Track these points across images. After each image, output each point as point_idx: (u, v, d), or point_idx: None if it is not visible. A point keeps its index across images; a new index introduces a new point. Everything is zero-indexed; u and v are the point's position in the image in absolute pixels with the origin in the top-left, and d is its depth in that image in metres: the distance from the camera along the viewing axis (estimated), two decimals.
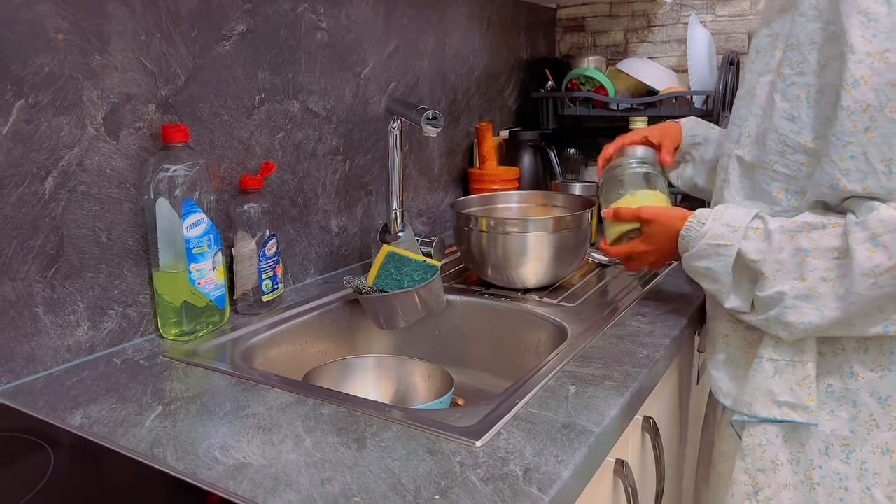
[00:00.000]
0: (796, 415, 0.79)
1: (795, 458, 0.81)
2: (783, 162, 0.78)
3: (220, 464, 0.60)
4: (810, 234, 0.74)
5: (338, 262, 1.23)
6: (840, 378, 0.79)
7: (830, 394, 0.79)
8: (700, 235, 0.83)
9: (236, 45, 0.99)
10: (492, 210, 1.23)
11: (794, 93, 0.76)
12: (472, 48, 1.57)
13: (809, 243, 0.74)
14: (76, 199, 0.81)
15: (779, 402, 0.80)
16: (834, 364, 0.79)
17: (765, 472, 0.83)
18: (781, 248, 0.75)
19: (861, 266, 0.70)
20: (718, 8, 1.71)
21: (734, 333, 0.88)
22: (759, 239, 0.78)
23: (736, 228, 0.79)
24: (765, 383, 0.81)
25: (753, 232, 0.78)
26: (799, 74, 0.75)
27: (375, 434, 0.64)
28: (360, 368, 0.95)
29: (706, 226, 0.82)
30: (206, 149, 0.96)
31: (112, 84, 0.84)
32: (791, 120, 0.77)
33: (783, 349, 0.80)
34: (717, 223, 0.81)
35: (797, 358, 0.79)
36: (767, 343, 0.81)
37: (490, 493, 0.55)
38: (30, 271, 0.78)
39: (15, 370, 0.77)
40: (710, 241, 0.81)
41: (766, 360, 0.81)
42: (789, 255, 0.75)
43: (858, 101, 0.69)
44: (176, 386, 0.76)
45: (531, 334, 1.02)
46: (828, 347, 0.79)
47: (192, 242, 0.87)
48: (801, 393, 0.79)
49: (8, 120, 0.74)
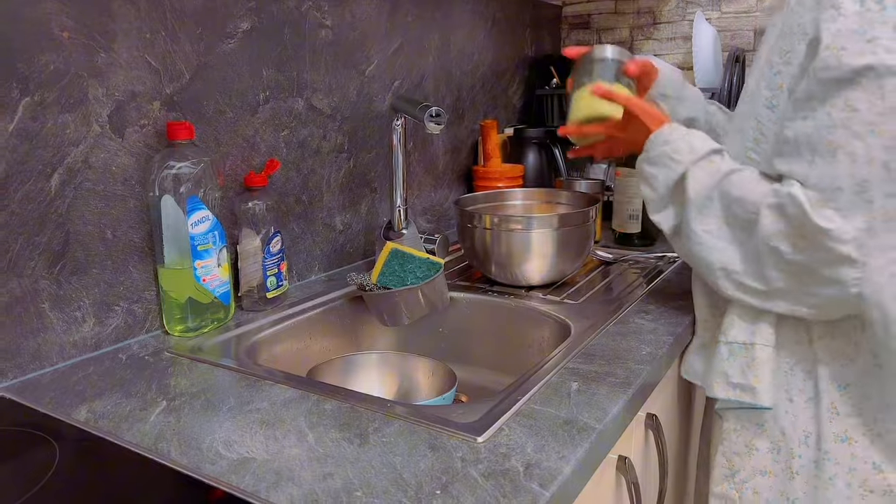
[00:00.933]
0: (747, 396, 0.81)
1: (776, 446, 0.82)
2: (756, 149, 0.80)
3: (223, 458, 0.60)
4: (743, 184, 0.77)
5: (342, 259, 1.23)
6: (815, 366, 0.80)
7: (808, 381, 0.80)
8: (661, 142, 0.85)
9: (241, 42, 0.99)
10: (496, 207, 1.24)
11: (777, 82, 0.76)
12: (477, 45, 1.57)
13: (739, 192, 0.77)
14: (82, 197, 0.82)
15: (732, 384, 0.82)
16: (810, 351, 0.80)
17: (740, 456, 0.85)
18: (715, 187, 0.79)
19: (765, 228, 0.73)
20: (724, 5, 1.70)
21: (712, 319, 0.89)
22: (707, 171, 0.80)
23: (694, 150, 0.82)
24: (720, 365, 0.83)
25: (708, 163, 0.81)
26: (785, 64, 0.75)
27: (378, 429, 0.65)
28: (363, 365, 0.95)
29: (672, 136, 0.85)
30: (210, 146, 0.97)
31: (117, 82, 0.84)
32: (770, 108, 0.77)
33: (737, 331, 0.82)
34: (683, 139, 0.84)
35: (749, 340, 0.81)
36: (724, 326, 0.83)
37: (491, 489, 0.55)
38: (36, 268, 0.78)
39: (21, 365, 0.78)
40: (666, 149, 0.84)
41: (722, 343, 0.83)
42: (719, 196, 0.78)
43: (806, 91, 0.71)
44: (180, 381, 0.77)
45: (534, 331, 1.02)
46: (803, 335, 0.80)
47: (196, 239, 0.87)
48: (749, 374, 0.80)
49: (14, 118, 0.74)
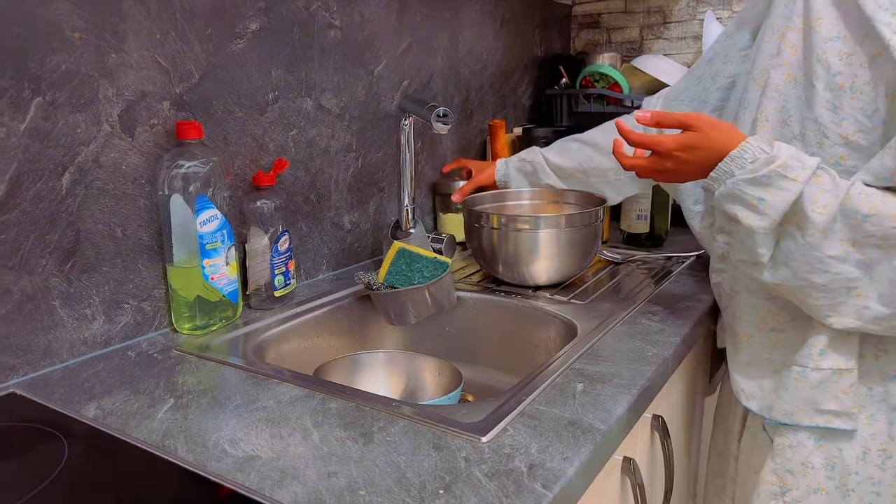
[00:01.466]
0: (839, 422, 0.78)
1: (831, 462, 0.80)
2: (821, 153, 0.75)
3: (228, 456, 0.61)
4: (870, 199, 0.68)
5: (349, 258, 1.24)
6: (881, 381, 0.77)
7: (871, 397, 0.78)
8: (766, 161, 0.71)
9: (250, 42, 1.00)
10: (503, 207, 1.24)
11: (837, 82, 0.73)
12: (486, 45, 1.57)
13: (869, 208, 0.68)
14: (92, 195, 0.83)
15: (822, 411, 0.79)
16: (875, 367, 0.77)
17: (793, 474, 0.82)
18: (835, 207, 0.69)
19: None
20: (735, 4, 1.69)
21: (758, 335, 0.86)
22: (822, 189, 0.70)
23: (805, 165, 0.70)
24: (809, 394, 0.79)
25: (820, 179, 0.70)
26: (847, 65, 0.73)
27: (382, 429, 0.65)
28: (370, 364, 0.95)
29: (774, 150, 0.71)
30: (219, 146, 0.98)
31: (127, 82, 0.85)
32: (832, 110, 0.74)
33: (829, 356, 0.77)
34: (788, 152, 0.71)
35: (843, 365, 0.77)
36: (811, 352, 0.78)
37: (494, 489, 0.55)
38: (47, 265, 0.79)
39: (32, 362, 0.79)
40: (779, 168, 0.70)
41: (810, 369, 0.78)
42: (842, 215, 0.69)
43: None
44: (188, 379, 0.78)
45: (541, 331, 1.02)
46: (869, 349, 0.77)
47: (205, 238, 0.88)
48: (846, 401, 0.77)
49: (26, 117, 0.75)
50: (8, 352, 0.76)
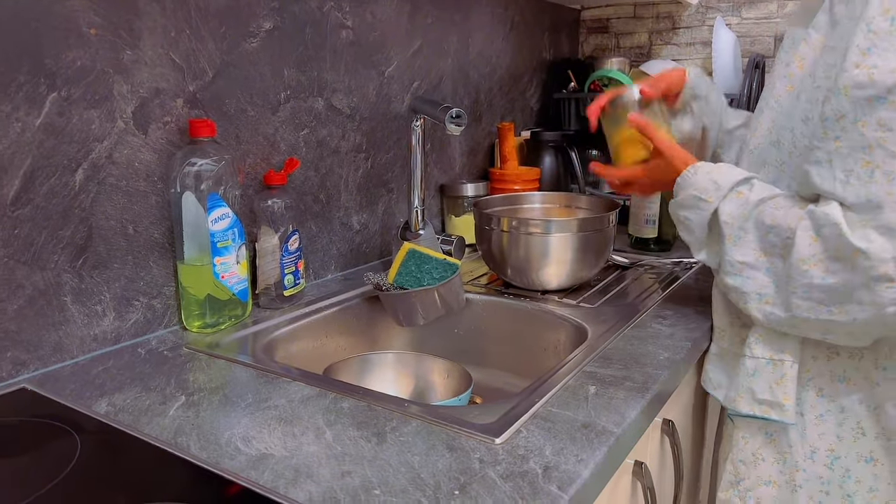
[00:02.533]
0: (774, 413, 0.81)
1: (782, 457, 0.83)
2: (790, 163, 0.79)
3: (242, 454, 0.61)
4: (775, 212, 0.76)
5: (358, 258, 1.24)
6: (831, 382, 0.79)
7: (821, 398, 0.80)
8: (687, 185, 0.85)
9: (263, 42, 1.00)
10: (514, 210, 1.23)
11: (816, 96, 0.75)
12: (496, 48, 1.57)
13: (772, 220, 0.76)
14: (105, 192, 0.83)
15: (759, 400, 0.82)
16: (826, 368, 0.80)
17: (745, 464, 0.85)
18: (748, 217, 0.78)
19: (799, 251, 0.72)
20: (745, 10, 1.69)
21: (730, 328, 0.89)
22: (737, 203, 0.80)
23: (720, 187, 0.81)
24: (746, 381, 0.83)
25: (736, 195, 0.80)
26: (826, 78, 0.74)
27: (395, 429, 0.65)
28: (379, 364, 0.95)
29: (696, 177, 0.84)
30: (232, 144, 0.98)
31: (142, 79, 0.85)
32: (804, 122, 0.77)
33: (763, 347, 0.81)
34: (707, 177, 0.83)
35: (776, 356, 0.80)
36: (750, 341, 0.82)
37: (510, 490, 0.55)
38: (59, 261, 0.79)
39: (43, 358, 0.79)
40: (693, 192, 0.84)
41: (748, 357, 0.82)
42: (753, 226, 0.78)
43: (836, 109, 0.70)
44: (199, 377, 0.77)
45: (551, 334, 1.01)
46: (822, 351, 0.79)
47: (216, 236, 0.88)
48: (777, 391, 0.80)
49: (41, 112, 0.75)
50: (19, 347, 0.76)
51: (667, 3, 1.79)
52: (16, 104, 0.73)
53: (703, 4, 1.74)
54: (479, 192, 1.40)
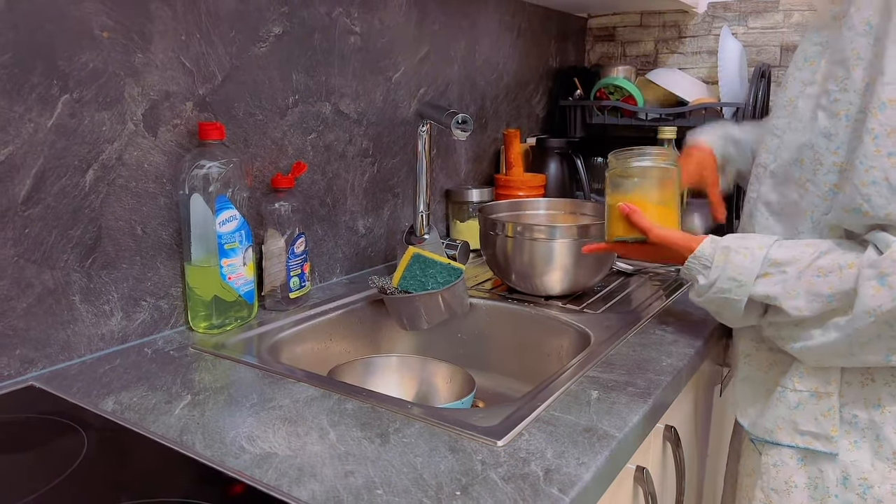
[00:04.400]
0: (819, 444, 0.78)
1: (813, 483, 0.80)
2: (814, 181, 0.76)
3: (246, 453, 0.61)
4: (828, 278, 0.72)
5: (363, 262, 1.25)
6: (866, 409, 0.77)
7: (855, 424, 0.77)
8: (706, 286, 0.82)
9: (272, 46, 1.01)
10: (519, 216, 1.24)
11: (834, 110, 0.74)
12: (502, 55, 1.58)
13: (828, 288, 0.72)
14: (114, 193, 0.84)
15: (802, 431, 0.79)
16: (861, 394, 0.77)
17: (778, 493, 0.83)
18: (797, 294, 0.74)
19: (864, 303, 0.68)
20: (751, 20, 1.70)
21: (756, 353, 0.86)
22: (771, 283, 0.76)
23: (743, 283, 0.78)
24: (788, 413, 0.80)
25: (764, 278, 0.77)
26: (842, 91, 0.73)
27: (398, 430, 0.65)
28: (383, 367, 0.96)
29: (711, 275, 0.81)
30: (240, 147, 0.99)
31: (152, 81, 0.86)
32: (827, 137, 0.74)
33: (807, 380, 0.78)
34: (724, 275, 0.80)
35: (822, 389, 0.78)
36: (792, 373, 0.80)
37: (511, 492, 0.55)
38: (68, 260, 0.80)
39: (51, 356, 0.80)
40: (717, 294, 0.81)
41: (789, 390, 0.80)
42: (805, 300, 0.74)
43: (884, 124, 0.67)
44: (204, 377, 0.78)
45: (553, 340, 1.02)
46: (856, 377, 0.77)
47: (224, 238, 0.89)
48: (825, 424, 0.78)
49: (53, 113, 0.77)
50: (28, 344, 0.77)
51: (673, 12, 1.80)
52: (29, 105, 0.74)
53: (709, 14, 1.75)
54: (484, 198, 1.40)
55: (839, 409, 0.78)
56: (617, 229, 0.94)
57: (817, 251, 0.74)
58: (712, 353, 1.01)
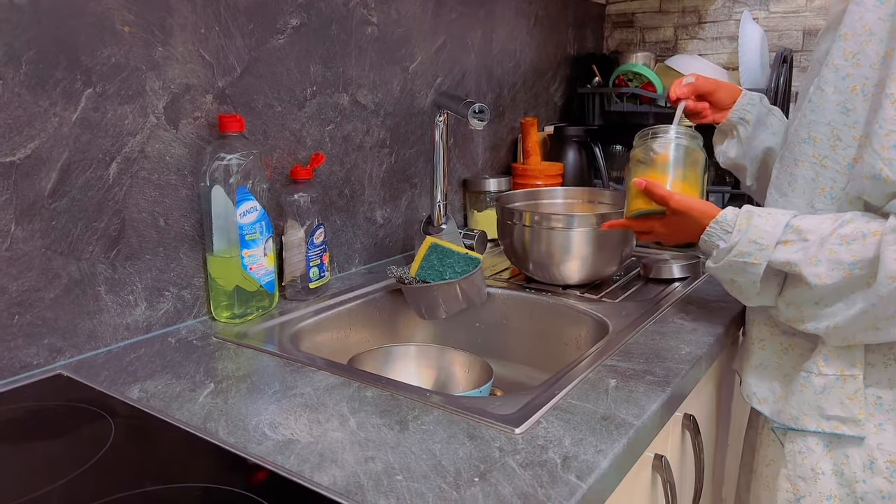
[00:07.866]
0: (846, 428, 0.77)
1: (839, 469, 0.79)
2: (833, 157, 0.76)
3: (268, 439, 0.62)
4: (850, 246, 0.71)
5: (382, 252, 1.25)
6: (890, 390, 0.76)
7: (879, 406, 0.77)
8: (725, 249, 0.79)
9: (290, 38, 1.02)
10: (537, 205, 1.24)
11: (847, 85, 0.73)
12: (519, 43, 1.57)
13: (851, 256, 0.70)
14: (137, 185, 0.85)
15: (828, 416, 0.78)
16: (885, 375, 0.76)
17: (805, 480, 0.82)
18: (818, 261, 0.72)
19: (887, 267, 0.67)
20: (772, 5, 1.67)
21: (770, 339, 0.86)
22: (792, 250, 0.75)
23: (764, 247, 0.76)
24: (813, 398, 0.79)
25: (784, 245, 0.75)
26: (855, 66, 0.73)
27: (417, 417, 0.66)
28: (401, 356, 0.97)
29: (732, 238, 0.79)
30: (259, 139, 1.00)
31: (173, 75, 0.87)
32: (845, 113, 0.74)
33: (833, 362, 0.77)
34: (744, 238, 0.77)
35: (847, 371, 0.77)
36: (816, 357, 0.79)
37: (529, 479, 0.56)
38: (94, 252, 0.82)
39: (78, 345, 0.81)
40: (736, 257, 0.78)
41: (814, 374, 0.79)
42: (826, 267, 0.72)
43: None
44: (227, 365, 0.80)
45: (572, 329, 1.02)
46: (878, 357, 0.76)
47: (245, 229, 0.90)
48: (852, 407, 0.77)
49: (77, 108, 0.78)
50: (56, 334, 0.79)
51: None
52: (53, 100, 0.76)
53: None
54: (502, 188, 1.40)
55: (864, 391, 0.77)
56: (636, 204, 0.91)
57: (840, 220, 0.73)
58: (733, 342, 1.00)
